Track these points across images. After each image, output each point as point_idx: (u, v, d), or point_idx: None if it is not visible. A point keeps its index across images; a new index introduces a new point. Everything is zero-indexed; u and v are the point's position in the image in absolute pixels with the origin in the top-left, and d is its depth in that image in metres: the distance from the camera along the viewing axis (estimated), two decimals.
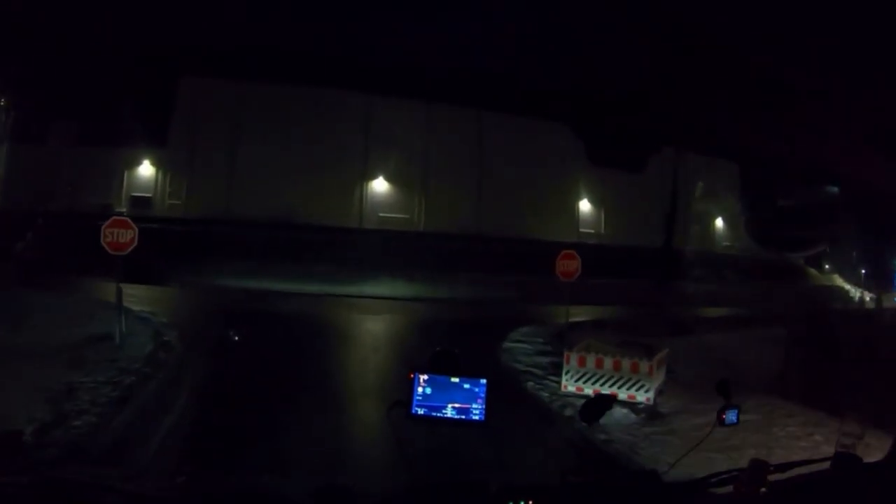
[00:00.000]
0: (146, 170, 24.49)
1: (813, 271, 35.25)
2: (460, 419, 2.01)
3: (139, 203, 23.79)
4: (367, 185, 25.35)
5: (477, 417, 2.00)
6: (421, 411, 2.04)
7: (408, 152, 24.30)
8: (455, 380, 2.05)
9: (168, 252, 18.16)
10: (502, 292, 19.78)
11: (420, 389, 2.07)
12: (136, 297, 13.65)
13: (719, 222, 30.84)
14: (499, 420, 1.94)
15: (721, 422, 1.84)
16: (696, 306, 20.87)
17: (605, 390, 7.66)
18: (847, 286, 35.73)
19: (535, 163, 25.82)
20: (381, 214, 25.24)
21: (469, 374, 2.04)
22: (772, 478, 1.65)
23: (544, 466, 5.11)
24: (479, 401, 2.02)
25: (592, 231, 28.57)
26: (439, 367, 2.12)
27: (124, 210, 23.39)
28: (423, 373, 2.07)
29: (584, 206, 28.91)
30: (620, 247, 25.46)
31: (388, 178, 25.38)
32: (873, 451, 1.96)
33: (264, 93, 22.81)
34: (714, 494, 1.72)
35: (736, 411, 1.80)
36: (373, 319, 14.91)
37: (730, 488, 1.69)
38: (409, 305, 17.32)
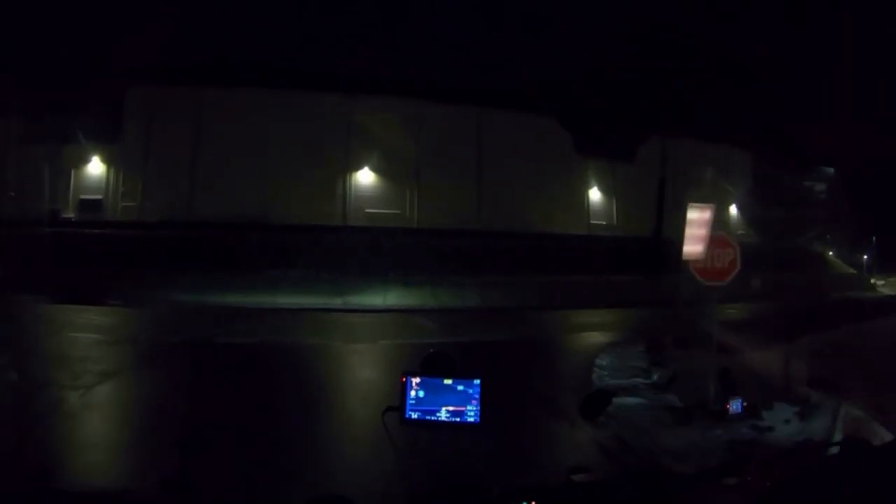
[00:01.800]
0: (96, 168, 24.39)
1: (831, 258, 36.77)
2: (455, 422, 2.20)
3: (88, 206, 23.68)
4: (350, 177, 25.12)
5: (472, 419, 2.19)
6: (414, 415, 2.23)
7: (397, 141, 24.20)
8: (448, 382, 2.23)
9: (116, 262, 17.61)
10: (520, 297, 19.00)
11: (412, 393, 2.25)
12: (46, 321, 11.80)
13: (733, 210, 31.18)
14: None
15: (726, 412, 2.01)
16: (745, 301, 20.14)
17: None
18: (865, 274, 38.35)
19: (538, 151, 25.87)
20: (369, 210, 25.02)
21: (462, 375, 2.22)
22: (780, 466, 1.81)
23: None
24: (474, 402, 2.20)
25: (604, 223, 28.81)
26: (431, 370, 2.30)
27: (72, 216, 23.46)
28: (414, 376, 2.25)
29: (594, 195, 29.21)
30: (636, 238, 25.49)
31: (374, 170, 25.22)
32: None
33: (231, 86, 22.69)
34: (723, 485, 1.89)
35: (740, 401, 1.96)
36: (364, 354, 11.13)
37: (738, 479, 1.85)
38: (409, 321, 14.93)
